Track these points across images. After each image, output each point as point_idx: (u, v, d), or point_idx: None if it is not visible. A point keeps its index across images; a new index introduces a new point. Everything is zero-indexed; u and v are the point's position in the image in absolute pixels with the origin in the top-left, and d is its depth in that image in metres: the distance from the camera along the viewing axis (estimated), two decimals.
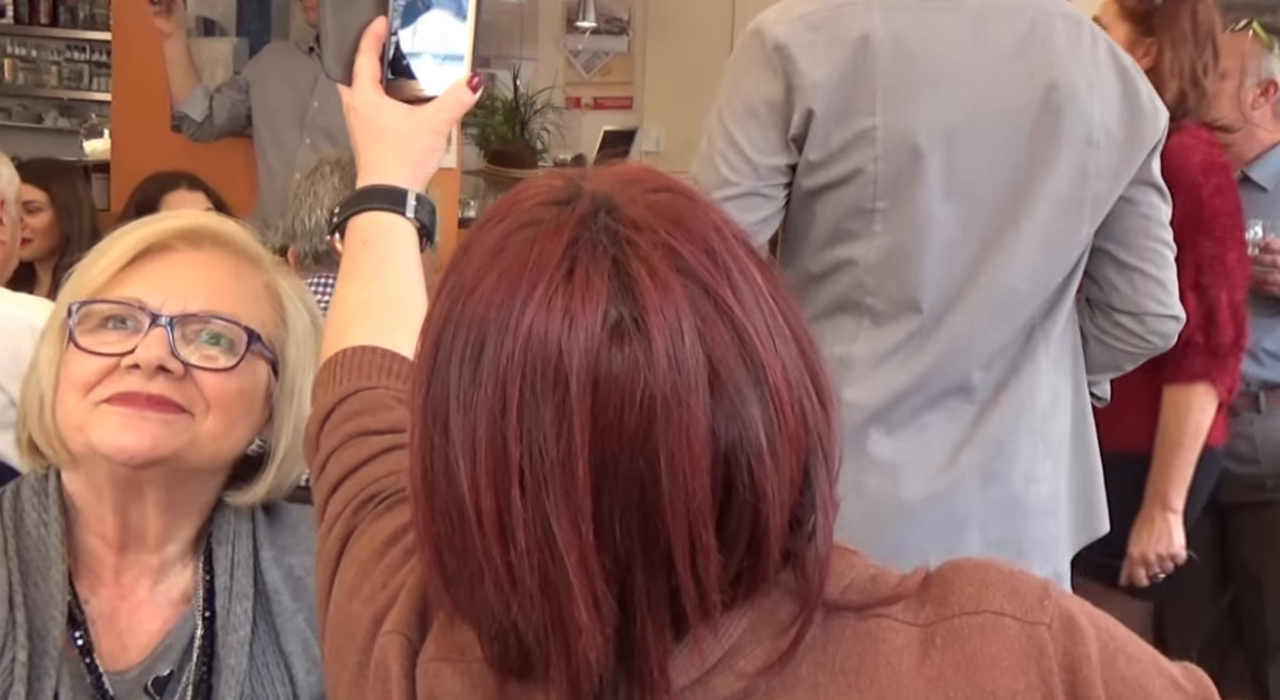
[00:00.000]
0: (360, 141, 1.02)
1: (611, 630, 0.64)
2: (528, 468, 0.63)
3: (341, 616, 0.80)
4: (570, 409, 0.62)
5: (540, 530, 0.63)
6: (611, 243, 0.65)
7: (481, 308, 0.65)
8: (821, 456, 0.68)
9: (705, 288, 0.65)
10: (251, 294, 1.10)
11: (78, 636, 1.05)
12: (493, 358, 0.64)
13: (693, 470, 0.63)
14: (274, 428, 1.12)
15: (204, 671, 1.07)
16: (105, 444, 1.03)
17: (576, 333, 0.63)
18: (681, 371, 0.63)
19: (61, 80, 5.94)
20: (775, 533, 0.66)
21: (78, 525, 1.08)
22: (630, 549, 0.64)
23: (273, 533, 1.15)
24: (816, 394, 0.68)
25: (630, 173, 0.70)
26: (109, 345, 1.04)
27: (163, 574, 1.11)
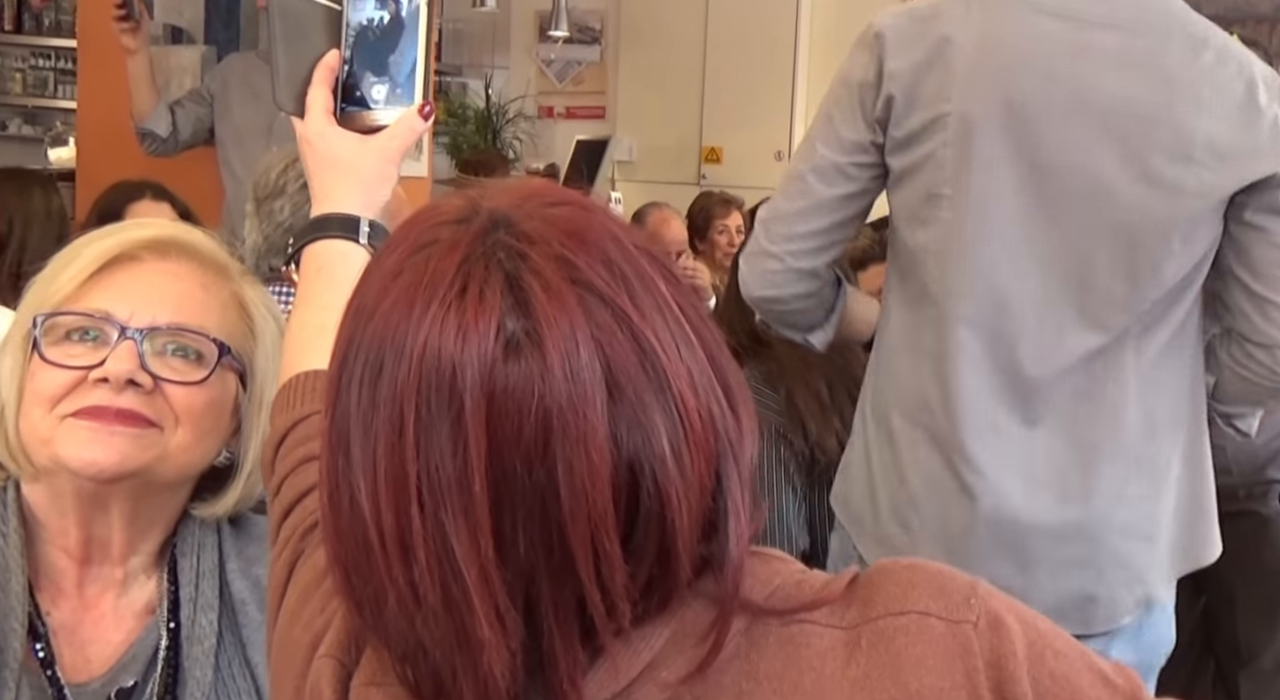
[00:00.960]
0: (313, 171, 1.04)
1: (517, 644, 0.65)
2: (425, 485, 0.63)
3: (284, 640, 0.80)
4: (465, 425, 0.63)
5: (440, 546, 0.63)
6: (506, 257, 0.65)
7: (379, 329, 0.66)
8: (733, 461, 0.68)
9: (602, 297, 0.65)
10: (219, 305, 1.10)
11: (39, 648, 1.04)
12: (390, 378, 0.65)
13: (592, 480, 0.63)
14: (242, 439, 1.12)
15: (169, 683, 1.06)
16: (73, 459, 1.02)
17: (470, 348, 0.63)
18: (577, 382, 0.63)
19: (26, 87, 5.90)
20: (684, 539, 0.66)
21: (38, 538, 1.07)
22: (534, 562, 0.64)
23: (239, 544, 1.14)
24: (727, 399, 0.69)
25: (529, 188, 0.71)
26: (76, 358, 1.03)
27: (126, 586, 1.10)
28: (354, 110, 1.03)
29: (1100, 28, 1.58)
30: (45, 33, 5.84)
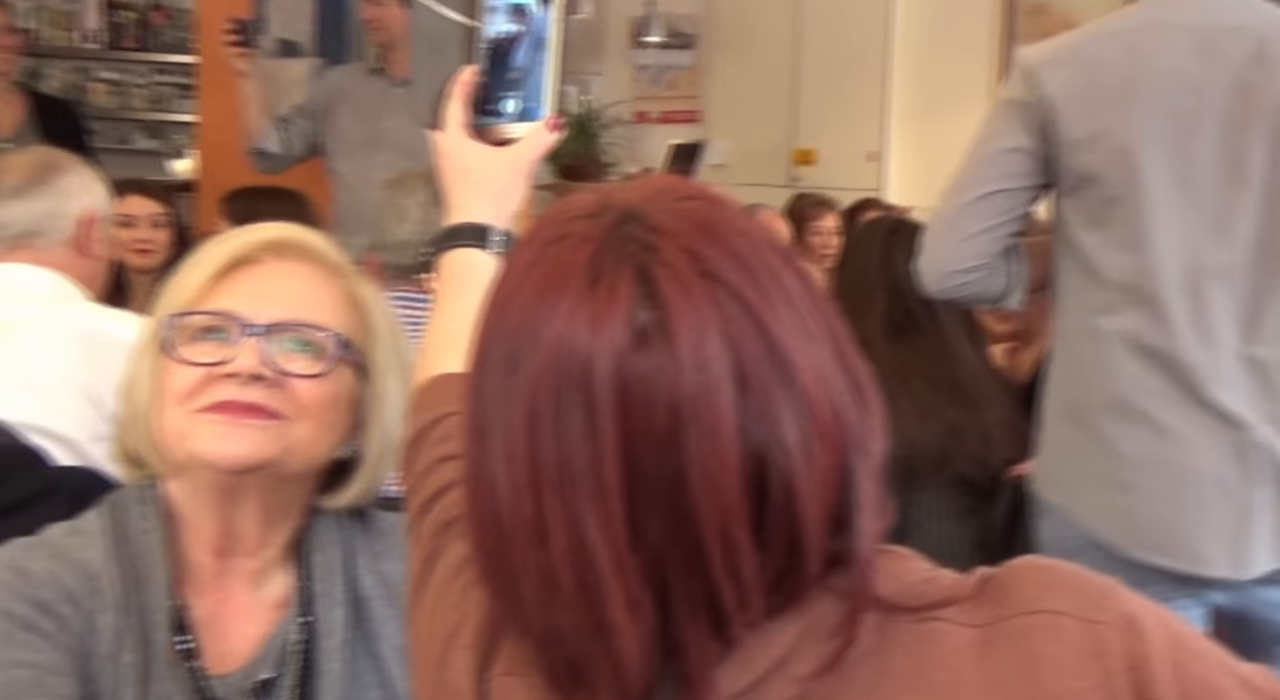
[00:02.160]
0: (448, 182, 1.07)
1: (650, 631, 0.65)
2: (559, 473, 0.65)
3: (422, 634, 0.82)
4: (598, 414, 0.64)
5: (574, 533, 0.65)
6: (637, 250, 0.66)
7: (514, 321, 0.67)
8: (861, 455, 0.68)
9: (730, 290, 0.65)
10: (336, 301, 1.12)
11: (183, 641, 1.07)
12: (525, 369, 0.66)
13: (721, 470, 0.63)
14: (363, 432, 1.14)
15: (303, 675, 1.09)
16: (207, 451, 1.05)
17: (601, 339, 0.64)
18: (706, 373, 0.63)
19: (148, 103, 6.07)
20: (813, 532, 0.66)
21: (179, 533, 1.11)
22: (665, 551, 0.64)
23: (367, 540, 1.17)
24: (855, 393, 0.69)
25: (659, 184, 0.72)
26: (205, 355, 1.07)
27: (261, 579, 1.13)
28: (487, 123, 1.06)
29: (1231, 32, 1.68)
30: (165, 49, 6.01)
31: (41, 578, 1.02)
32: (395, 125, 3.64)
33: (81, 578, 1.04)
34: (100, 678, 1.01)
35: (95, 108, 5.77)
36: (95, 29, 5.94)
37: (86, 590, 1.03)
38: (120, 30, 5.97)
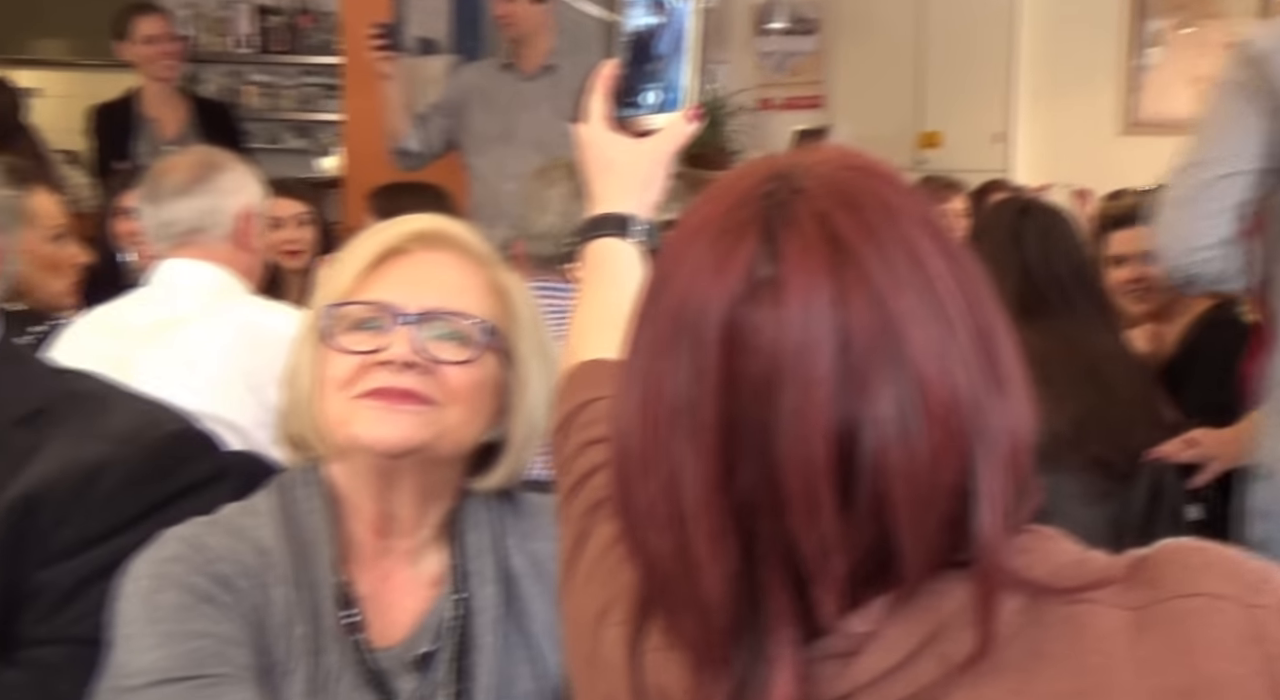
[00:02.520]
0: (591, 173, 1.09)
1: (732, 571, 0.66)
2: (668, 407, 0.67)
3: (575, 611, 0.83)
4: (704, 356, 0.66)
5: (672, 467, 0.67)
6: (770, 207, 0.67)
7: (659, 267, 0.71)
8: (987, 442, 0.67)
9: (853, 257, 0.65)
10: (481, 290, 1.15)
11: (348, 615, 1.10)
12: (658, 306, 0.69)
13: (810, 428, 0.64)
14: (508, 417, 1.16)
15: (459, 650, 1.12)
16: (366, 436, 1.08)
17: (719, 288, 0.66)
18: (809, 332, 0.64)
19: (296, 103, 6.25)
20: (907, 509, 0.65)
21: (341, 513, 1.14)
22: (753, 497, 0.66)
23: (515, 520, 1.19)
24: (991, 376, 0.67)
25: (833, 153, 0.72)
26: (361, 344, 1.10)
27: (417, 557, 1.16)
28: (628, 115, 1.07)
29: None
30: (312, 52, 6.17)
31: (219, 553, 1.07)
32: (527, 119, 3.68)
33: (255, 554, 1.08)
34: (274, 648, 1.06)
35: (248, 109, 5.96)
36: (248, 34, 6.13)
37: (260, 565, 1.08)
38: (270, 34, 6.15)
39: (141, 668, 1.01)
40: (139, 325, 1.97)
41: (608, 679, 0.77)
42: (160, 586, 1.04)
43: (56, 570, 1.14)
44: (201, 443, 1.28)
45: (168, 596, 1.04)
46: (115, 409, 1.24)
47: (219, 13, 6.16)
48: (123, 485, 1.17)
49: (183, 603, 1.03)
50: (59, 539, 1.14)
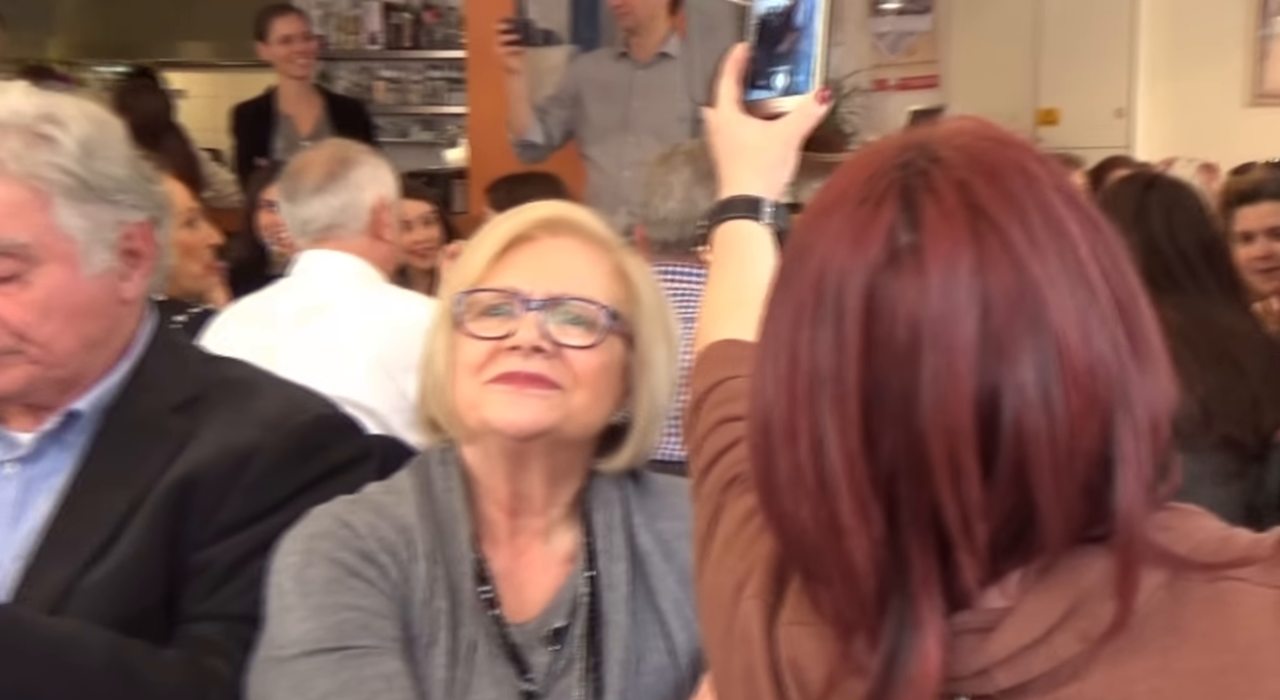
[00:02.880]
0: (721, 157, 1.07)
1: (878, 536, 0.66)
2: (811, 376, 0.67)
3: (711, 586, 0.83)
4: (845, 324, 0.65)
5: (817, 433, 0.67)
6: (909, 175, 0.67)
7: (798, 238, 0.71)
8: (1128, 409, 0.65)
9: (994, 224, 0.65)
10: (604, 275, 1.15)
11: (485, 590, 1.13)
12: (797, 278, 0.69)
13: (953, 394, 0.63)
14: (633, 398, 1.17)
15: (591, 626, 1.13)
16: (496, 419, 1.10)
17: (859, 255, 0.66)
18: (951, 299, 0.64)
19: (422, 97, 6.36)
20: (1046, 475, 0.64)
21: (475, 493, 1.16)
22: (896, 462, 0.65)
23: (642, 499, 1.20)
24: (1130, 345, 0.66)
25: (967, 124, 0.71)
26: (491, 330, 1.12)
27: (549, 535, 1.18)
28: (758, 98, 1.05)
29: None
30: (436, 46, 6.27)
31: (363, 531, 1.10)
32: (643, 107, 3.68)
33: (397, 531, 1.11)
34: (416, 622, 1.09)
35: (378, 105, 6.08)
36: (376, 31, 6.25)
37: (402, 542, 1.10)
38: (398, 31, 6.26)
39: (293, 639, 1.05)
40: (282, 314, 2.03)
41: (744, 652, 0.77)
42: (310, 561, 1.08)
43: (213, 551, 1.18)
44: (345, 426, 1.31)
45: (317, 571, 1.07)
46: (264, 395, 1.27)
47: (350, 11, 6.28)
48: (273, 468, 1.20)
49: (332, 577, 1.07)
50: (215, 521, 1.18)
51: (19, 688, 1.05)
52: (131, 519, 1.16)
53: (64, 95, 1.22)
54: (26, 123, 1.15)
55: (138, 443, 1.20)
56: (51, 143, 1.15)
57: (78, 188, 1.16)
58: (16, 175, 1.13)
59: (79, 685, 1.07)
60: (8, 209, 1.13)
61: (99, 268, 1.18)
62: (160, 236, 1.26)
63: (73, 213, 1.16)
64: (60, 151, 1.15)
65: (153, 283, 1.26)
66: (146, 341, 1.26)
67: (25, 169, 1.13)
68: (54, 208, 1.15)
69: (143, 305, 1.27)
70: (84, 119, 1.18)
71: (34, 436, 1.21)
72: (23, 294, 1.14)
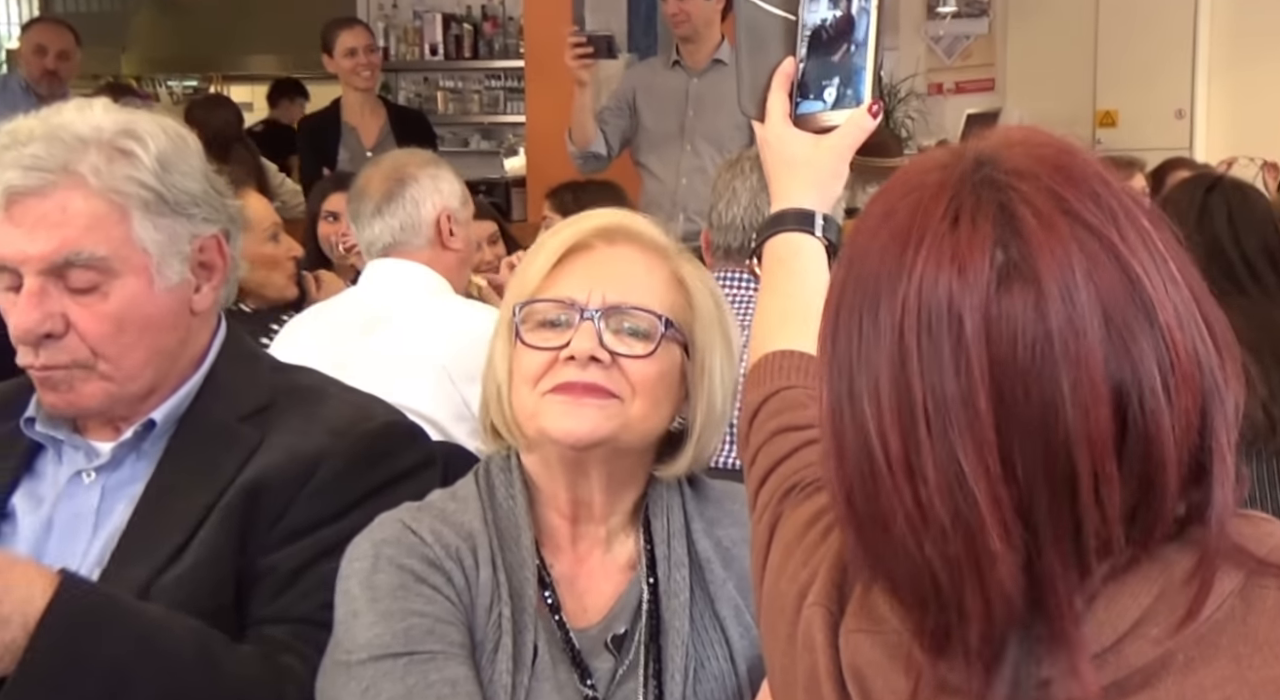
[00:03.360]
0: (772, 170, 1.06)
1: (1024, 560, 0.64)
2: (931, 407, 0.64)
3: (772, 594, 0.83)
4: (967, 348, 0.64)
5: (948, 465, 0.64)
6: (996, 189, 0.65)
7: (873, 267, 0.68)
8: (1219, 401, 0.65)
9: (1091, 229, 0.64)
10: (660, 283, 1.15)
11: (547, 596, 1.13)
12: (888, 310, 0.66)
13: (1094, 402, 0.62)
14: (690, 405, 1.17)
15: (653, 632, 1.13)
16: (554, 429, 1.11)
17: (966, 276, 0.64)
18: (1074, 308, 0.63)
19: (482, 106, 6.41)
20: (1170, 473, 0.64)
21: (536, 500, 1.17)
22: (1033, 481, 0.64)
23: (700, 506, 1.20)
24: (1212, 340, 0.66)
25: (1015, 133, 0.71)
26: (548, 340, 1.12)
27: (610, 543, 1.18)
28: (808, 111, 1.05)
29: None
30: (496, 56, 6.32)
31: (429, 537, 1.11)
32: (698, 115, 3.68)
33: (462, 537, 1.12)
34: (480, 627, 1.09)
35: (439, 115, 6.14)
36: (437, 42, 6.31)
37: (466, 548, 1.11)
38: (459, 42, 6.32)
39: (361, 644, 1.06)
40: (349, 323, 2.05)
41: (807, 659, 0.76)
42: (378, 567, 1.09)
43: (278, 555, 1.19)
44: (411, 433, 1.33)
45: (385, 577, 1.08)
46: (332, 402, 1.29)
47: (412, 23, 6.35)
48: (340, 474, 1.22)
49: (399, 582, 1.08)
50: (281, 526, 1.20)
51: (112, 666, 1.06)
52: (204, 523, 1.18)
53: (142, 111, 1.25)
54: (107, 138, 1.17)
55: (210, 450, 1.22)
56: (131, 157, 1.17)
57: (155, 201, 1.18)
58: (97, 189, 1.16)
59: (167, 671, 1.09)
60: (88, 222, 1.15)
61: (173, 280, 1.21)
62: (232, 249, 1.28)
63: (149, 226, 1.18)
64: (139, 166, 1.17)
65: (224, 294, 1.28)
66: (218, 351, 1.28)
67: (106, 183, 1.16)
68: (132, 221, 1.17)
69: (215, 316, 1.29)
70: (161, 134, 1.21)
71: (113, 446, 1.23)
72: (100, 306, 1.17)
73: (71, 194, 1.15)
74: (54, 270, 1.15)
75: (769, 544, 0.85)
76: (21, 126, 1.17)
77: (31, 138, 1.15)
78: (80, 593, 1.07)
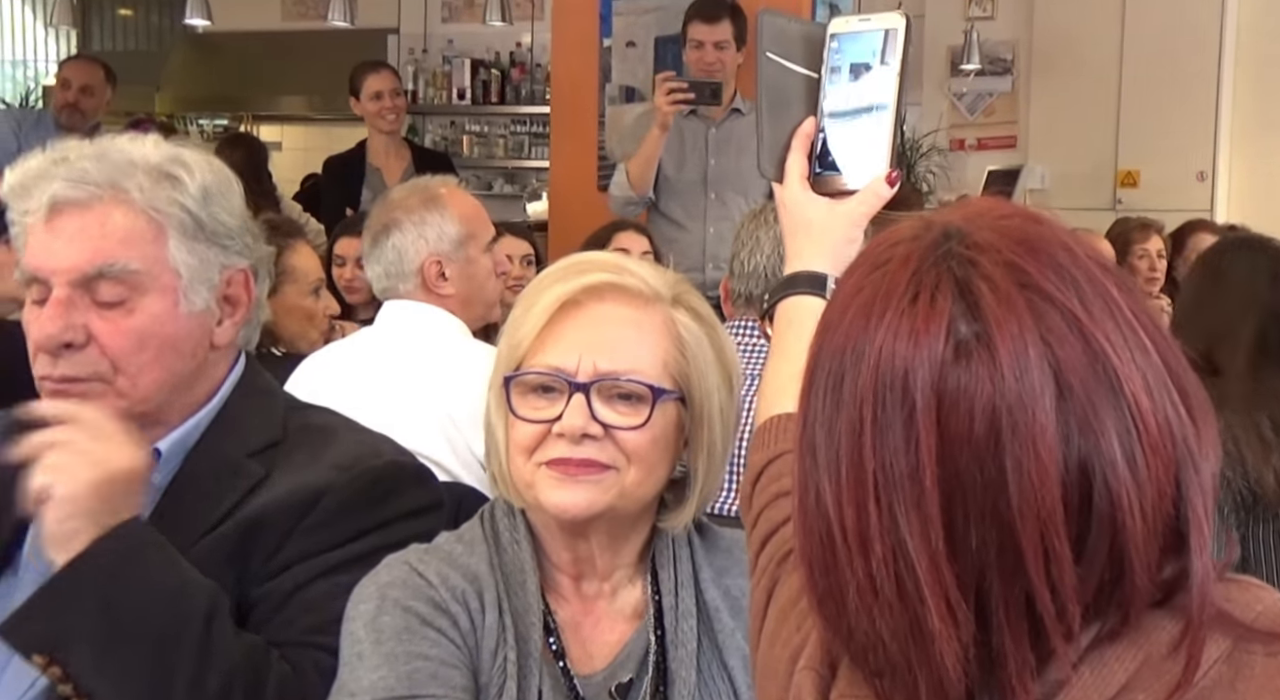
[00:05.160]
0: (787, 232, 1.06)
1: (968, 638, 0.64)
2: (881, 481, 0.65)
3: (766, 659, 0.82)
4: (917, 423, 0.63)
5: (894, 539, 0.64)
6: (956, 265, 0.65)
7: (841, 340, 0.68)
8: (1193, 470, 0.64)
9: (1051, 300, 0.64)
10: (653, 339, 1.13)
11: (551, 642, 1.12)
12: (850, 383, 0.67)
13: (1041, 478, 0.62)
14: (691, 453, 1.15)
15: (659, 682, 1.12)
16: (549, 504, 1.10)
17: (922, 351, 0.64)
18: (1026, 382, 0.62)
19: (507, 151, 6.47)
20: (1139, 546, 0.63)
21: (540, 549, 1.16)
22: (984, 557, 0.63)
23: (710, 556, 1.18)
24: (1185, 407, 0.65)
25: (981, 204, 0.71)
26: (540, 411, 1.10)
27: (615, 593, 1.17)
28: (827, 175, 1.04)
29: None
30: (521, 102, 6.38)
31: (435, 580, 1.10)
32: (719, 164, 3.69)
33: (468, 580, 1.11)
34: (485, 671, 1.08)
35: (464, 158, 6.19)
36: (465, 87, 6.38)
37: (472, 591, 1.10)
38: (486, 87, 6.39)
39: (365, 686, 1.05)
40: (360, 363, 2.05)
41: None
42: (383, 609, 1.08)
43: (274, 583, 1.19)
44: (418, 473, 1.32)
45: (390, 619, 1.07)
46: (341, 440, 1.28)
47: (441, 68, 6.43)
48: (339, 508, 1.21)
49: (404, 625, 1.07)
50: (279, 558, 1.19)
51: (150, 596, 1.09)
52: (201, 556, 1.17)
53: (190, 147, 1.28)
54: (155, 162, 1.21)
55: (214, 484, 1.22)
56: (176, 182, 1.21)
57: (192, 226, 1.21)
58: (140, 206, 1.19)
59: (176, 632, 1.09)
60: (126, 235, 1.18)
61: (198, 306, 1.22)
62: (258, 289, 1.29)
63: (184, 249, 1.20)
64: (183, 191, 1.21)
65: (245, 334, 1.29)
66: (232, 386, 1.28)
67: (148, 201, 1.19)
68: (168, 240, 1.19)
69: (234, 353, 1.30)
70: (208, 168, 1.24)
71: None
72: (124, 320, 1.18)
73: (114, 209, 1.18)
74: (84, 281, 1.17)
75: (766, 608, 0.84)
76: (74, 146, 1.21)
77: (82, 156, 1.19)
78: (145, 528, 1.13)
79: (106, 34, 7.40)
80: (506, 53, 6.43)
